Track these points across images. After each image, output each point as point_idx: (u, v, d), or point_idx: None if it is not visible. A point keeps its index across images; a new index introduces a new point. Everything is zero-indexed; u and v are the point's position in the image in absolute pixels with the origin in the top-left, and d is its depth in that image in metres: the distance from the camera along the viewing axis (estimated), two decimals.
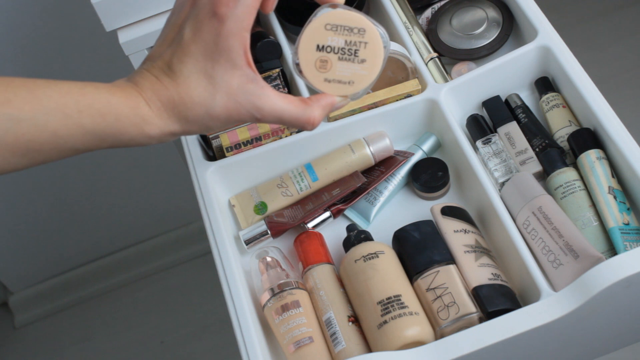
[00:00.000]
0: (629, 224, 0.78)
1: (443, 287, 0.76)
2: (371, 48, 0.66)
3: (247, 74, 0.63)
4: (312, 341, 0.77)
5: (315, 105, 0.66)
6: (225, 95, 0.63)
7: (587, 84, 0.85)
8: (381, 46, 0.66)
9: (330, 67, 0.66)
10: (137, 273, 1.87)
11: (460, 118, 0.92)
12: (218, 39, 0.62)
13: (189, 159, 0.90)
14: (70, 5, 1.28)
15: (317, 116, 0.66)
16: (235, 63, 0.63)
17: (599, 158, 0.82)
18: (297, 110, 0.65)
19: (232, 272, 0.80)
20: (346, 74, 0.66)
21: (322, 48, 0.66)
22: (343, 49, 0.66)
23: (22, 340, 1.86)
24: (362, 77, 0.66)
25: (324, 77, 0.66)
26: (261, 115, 0.64)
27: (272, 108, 0.64)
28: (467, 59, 0.96)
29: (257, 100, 0.64)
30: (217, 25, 0.62)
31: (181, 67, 0.63)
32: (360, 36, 0.66)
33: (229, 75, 0.63)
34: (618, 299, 0.73)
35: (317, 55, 0.66)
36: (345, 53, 0.66)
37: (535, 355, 0.79)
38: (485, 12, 0.97)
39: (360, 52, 0.66)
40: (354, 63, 0.66)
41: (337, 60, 0.66)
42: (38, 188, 1.60)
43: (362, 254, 0.79)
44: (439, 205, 0.84)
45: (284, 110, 0.65)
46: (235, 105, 0.64)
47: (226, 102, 0.63)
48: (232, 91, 0.63)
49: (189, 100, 0.63)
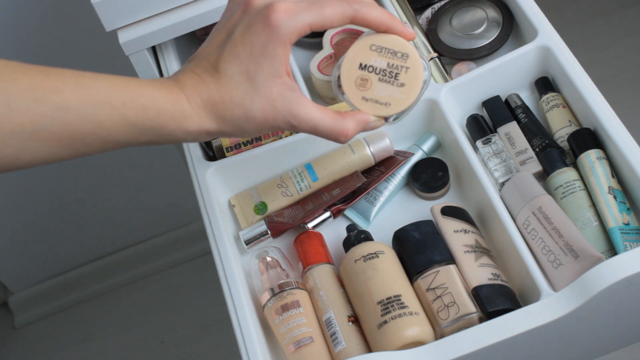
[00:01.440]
0: (629, 224, 0.78)
1: (443, 287, 0.76)
2: (412, 74, 0.68)
3: (286, 83, 0.65)
4: (312, 341, 0.77)
5: (350, 118, 0.68)
6: (264, 100, 0.65)
7: (587, 84, 0.85)
8: (422, 74, 0.68)
9: (370, 87, 0.68)
10: (137, 273, 1.87)
11: (460, 118, 0.92)
12: (266, 45, 0.64)
13: (189, 159, 0.90)
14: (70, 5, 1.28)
15: (351, 129, 0.67)
16: (277, 70, 0.65)
17: (599, 158, 0.82)
18: (332, 121, 0.67)
19: (232, 272, 0.80)
20: (384, 95, 0.68)
21: (365, 67, 0.68)
22: (384, 70, 0.68)
23: (22, 340, 1.86)
24: (399, 101, 0.68)
25: (362, 95, 0.68)
26: (297, 122, 0.66)
27: (308, 117, 0.66)
28: (467, 59, 0.96)
29: (295, 107, 0.65)
30: (268, 32, 0.64)
31: (226, 67, 0.65)
32: (402, 61, 0.67)
33: (270, 82, 0.65)
34: (618, 299, 0.73)
35: (359, 73, 0.68)
36: (386, 75, 0.68)
37: (535, 355, 0.79)
38: (485, 12, 0.97)
39: (401, 76, 0.68)
40: (393, 86, 0.68)
41: (377, 81, 0.68)
42: (38, 188, 1.60)
43: (362, 254, 0.79)
44: (439, 205, 0.84)
45: (319, 120, 0.66)
46: (272, 110, 0.65)
47: (264, 106, 0.65)
48: (272, 96, 0.65)
49: (229, 100, 0.65)
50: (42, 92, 0.59)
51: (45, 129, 0.60)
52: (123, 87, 0.63)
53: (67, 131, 0.61)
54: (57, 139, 0.61)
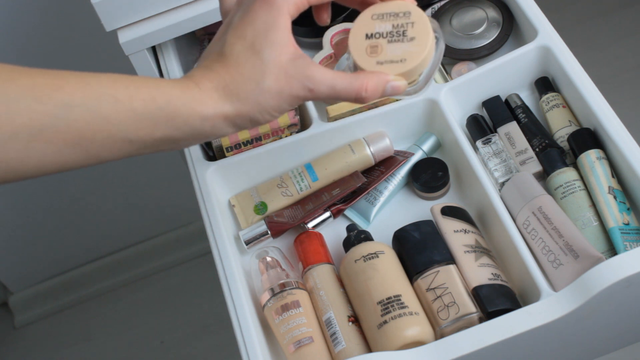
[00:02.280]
0: (629, 224, 0.78)
1: (443, 287, 0.76)
2: (419, 27, 0.66)
3: (294, 51, 0.64)
4: (312, 341, 0.77)
5: (369, 75, 0.66)
6: (276, 69, 0.63)
7: (587, 84, 0.85)
8: (429, 25, 0.66)
9: (381, 51, 0.67)
10: (137, 273, 1.87)
11: (460, 118, 0.92)
12: (267, 19, 0.63)
13: (189, 159, 0.90)
14: (70, 5, 1.28)
15: (371, 85, 0.65)
16: (283, 40, 0.63)
17: (599, 158, 0.82)
18: (350, 78, 0.65)
19: (232, 272, 0.80)
20: (397, 54, 0.67)
21: (371, 36, 0.67)
22: (391, 32, 0.67)
23: (22, 340, 1.86)
24: (414, 54, 0.66)
25: (375, 61, 0.67)
26: (314, 84, 0.64)
27: (323, 77, 0.64)
28: (467, 59, 0.96)
29: (309, 70, 0.64)
30: (267, 7, 0.63)
31: (231, 49, 0.64)
32: (406, 18, 0.67)
33: (277, 52, 0.63)
34: (618, 299, 0.73)
35: (367, 43, 0.67)
36: (394, 35, 0.67)
37: (535, 355, 0.79)
38: (485, 12, 0.97)
39: (409, 32, 0.67)
40: (404, 42, 0.67)
41: (387, 44, 0.67)
42: (38, 188, 1.60)
43: (362, 254, 0.79)
44: (439, 205, 0.84)
45: (335, 79, 0.64)
46: (286, 77, 0.63)
47: (277, 75, 0.63)
48: (282, 64, 0.63)
49: (239, 76, 0.63)
50: (42, 90, 0.57)
51: (50, 128, 0.57)
52: (127, 82, 0.61)
53: (74, 130, 0.59)
54: (63, 139, 0.59)
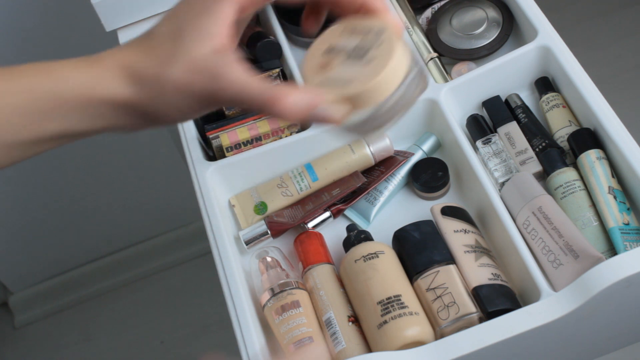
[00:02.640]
0: (629, 224, 0.78)
1: (443, 287, 0.76)
2: (385, 48, 0.52)
3: (221, 45, 0.56)
4: (312, 341, 0.77)
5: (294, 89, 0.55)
6: (187, 59, 0.55)
7: (587, 84, 0.85)
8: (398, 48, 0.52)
9: (332, 68, 0.54)
10: (137, 273, 1.87)
11: (460, 118, 0.92)
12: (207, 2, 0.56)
13: (189, 159, 0.90)
14: (70, 5, 1.28)
15: (290, 102, 0.54)
16: (212, 30, 0.55)
17: (599, 158, 0.82)
18: (264, 85, 0.55)
19: (232, 272, 0.80)
20: (346, 74, 0.53)
21: (331, 50, 0.55)
22: (353, 49, 0.54)
23: (22, 340, 1.86)
24: (362, 77, 0.52)
25: (319, 79, 0.54)
26: (221, 85, 0.55)
27: (237, 79, 0.55)
28: (467, 59, 0.96)
29: (220, 69, 0.55)
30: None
31: (158, 29, 0.57)
32: (377, 37, 0.53)
33: (199, 42, 0.55)
34: (618, 299, 0.73)
35: (321, 59, 0.56)
36: (354, 53, 0.54)
37: (535, 355, 0.79)
38: (485, 12, 0.97)
39: (371, 52, 0.53)
40: (361, 62, 0.53)
41: (341, 61, 0.54)
42: (38, 188, 1.60)
43: (362, 254, 0.79)
44: (439, 205, 0.84)
45: (250, 84, 0.55)
46: (194, 72, 0.55)
47: (186, 67, 0.55)
48: (196, 56, 0.55)
49: (148, 59, 0.56)
50: None
51: None
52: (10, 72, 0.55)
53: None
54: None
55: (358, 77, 0.51)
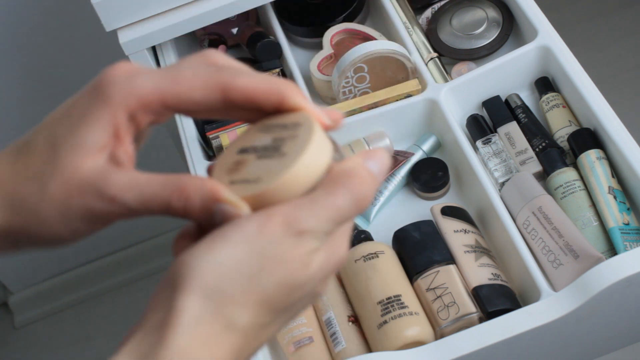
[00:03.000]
0: (629, 224, 0.78)
1: (443, 287, 0.76)
2: (299, 141, 0.46)
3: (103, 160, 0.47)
4: (312, 341, 0.77)
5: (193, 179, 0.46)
6: (68, 172, 0.46)
7: (587, 84, 0.85)
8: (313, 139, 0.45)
9: (243, 168, 0.48)
10: (137, 273, 1.87)
11: (460, 118, 0.92)
12: (87, 108, 0.47)
13: (189, 159, 0.90)
14: (70, 5, 1.28)
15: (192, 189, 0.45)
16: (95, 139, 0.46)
17: (599, 158, 0.82)
18: (165, 180, 0.46)
19: None
20: (255, 172, 0.47)
21: (245, 150, 0.49)
22: (266, 146, 0.48)
23: (22, 340, 1.86)
24: (271, 174, 0.46)
25: (229, 179, 0.47)
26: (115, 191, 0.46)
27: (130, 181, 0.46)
28: (467, 59, 0.95)
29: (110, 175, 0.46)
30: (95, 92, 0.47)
31: (34, 137, 0.48)
32: (293, 131, 0.47)
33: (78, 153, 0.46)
34: (618, 299, 0.73)
35: (234, 158, 0.49)
36: (267, 151, 0.47)
37: (535, 355, 0.79)
38: (485, 12, 0.97)
39: (285, 147, 0.46)
40: (272, 159, 0.47)
41: (254, 160, 0.48)
42: None
43: (362, 254, 0.79)
44: (439, 205, 0.84)
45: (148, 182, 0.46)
46: (79, 185, 0.46)
47: (67, 181, 0.46)
48: (78, 170, 0.46)
49: (23, 174, 0.47)
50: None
51: None
52: None
53: None
54: None
55: (266, 175, 0.46)
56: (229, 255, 0.41)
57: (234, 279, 0.41)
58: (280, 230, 0.42)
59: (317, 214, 0.42)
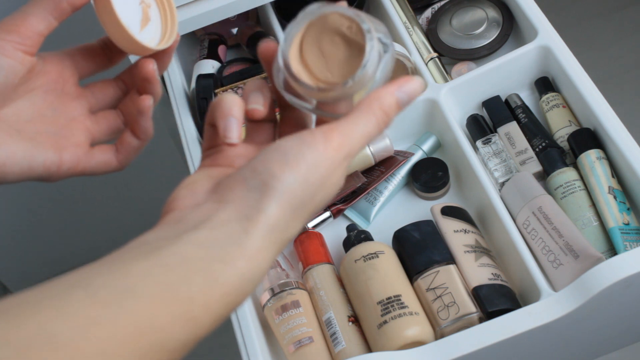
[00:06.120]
0: (629, 224, 0.78)
1: (443, 287, 0.76)
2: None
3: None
4: (312, 341, 0.77)
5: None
6: None
7: (587, 84, 0.85)
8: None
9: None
10: None
11: (460, 118, 0.92)
12: None
13: (189, 158, 0.90)
14: None
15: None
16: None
17: (599, 158, 0.82)
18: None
19: None
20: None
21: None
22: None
23: None
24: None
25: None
26: None
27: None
28: (467, 59, 0.96)
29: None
30: None
31: None
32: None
33: None
34: (618, 299, 0.73)
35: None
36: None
37: (535, 355, 0.79)
38: (485, 12, 0.97)
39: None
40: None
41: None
42: (38, 188, 1.60)
43: (362, 254, 0.79)
44: (439, 205, 0.84)
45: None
46: None
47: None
48: None
49: None
50: None
51: None
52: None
53: None
54: None
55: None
56: (308, 178, 0.47)
57: (306, 197, 0.47)
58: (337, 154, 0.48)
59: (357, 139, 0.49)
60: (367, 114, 0.50)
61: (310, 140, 0.47)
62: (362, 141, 0.50)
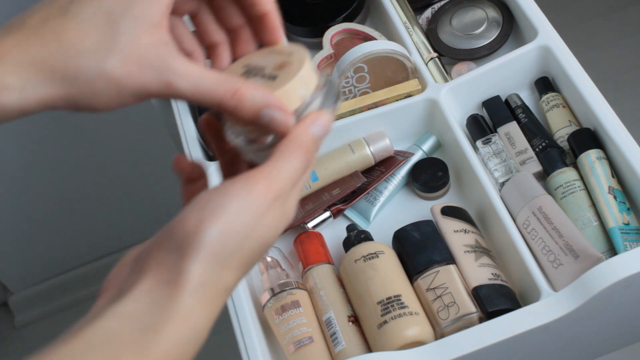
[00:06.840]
0: (629, 224, 0.78)
1: (443, 287, 0.76)
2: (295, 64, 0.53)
3: (162, 36, 0.48)
4: (312, 341, 0.77)
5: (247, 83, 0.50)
6: (129, 48, 0.47)
7: (587, 84, 0.85)
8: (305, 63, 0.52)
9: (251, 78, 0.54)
10: None
11: (460, 118, 0.92)
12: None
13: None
14: None
15: (248, 94, 0.48)
16: (153, 17, 0.48)
17: (599, 158, 0.82)
18: (220, 78, 0.49)
19: None
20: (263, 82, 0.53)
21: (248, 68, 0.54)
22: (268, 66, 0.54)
23: (22, 340, 1.86)
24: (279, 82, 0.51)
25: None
26: (174, 77, 0.48)
27: (188, 71, 0.48)
28: (467, 59, 0.96)
29: (171, 59, 0.48)
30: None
31: (79, 9, 0.47)
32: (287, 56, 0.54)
33: (140, 29, 0.47)
34: (618, 299, 0.73)
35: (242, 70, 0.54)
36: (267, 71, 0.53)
37: (535, 355, 0.79)
38: (485, 12, 0.97)
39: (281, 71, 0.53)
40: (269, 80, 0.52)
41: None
42: (38, 188, 1.60)
43: (362, 254, 0.79)
44: (439, 205, 0.84)
45: (203, 76, 0.48)
46: (139, 62, 0.47)
47: (128, 57, 0.47)
48: (140, 45, 0.47)
49: (76, 49, 0.47)
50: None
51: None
52: None
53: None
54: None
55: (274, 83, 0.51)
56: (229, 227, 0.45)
57: (232, 246, 0.45)
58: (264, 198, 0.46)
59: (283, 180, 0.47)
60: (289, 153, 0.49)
61: (231, 188, 0.46)
62: (290, 181, 0.48)
